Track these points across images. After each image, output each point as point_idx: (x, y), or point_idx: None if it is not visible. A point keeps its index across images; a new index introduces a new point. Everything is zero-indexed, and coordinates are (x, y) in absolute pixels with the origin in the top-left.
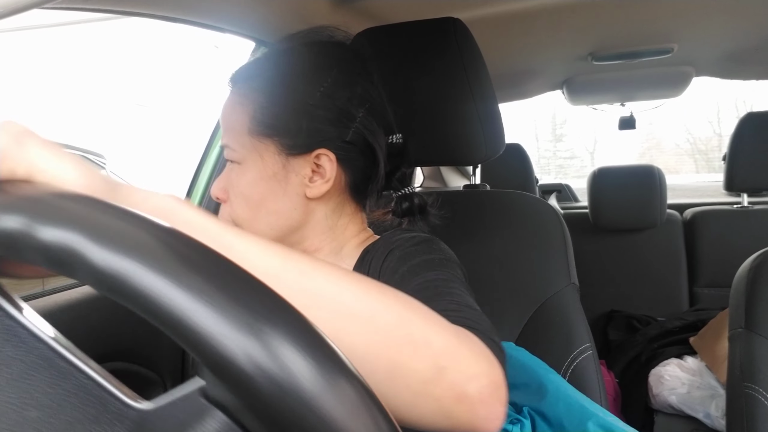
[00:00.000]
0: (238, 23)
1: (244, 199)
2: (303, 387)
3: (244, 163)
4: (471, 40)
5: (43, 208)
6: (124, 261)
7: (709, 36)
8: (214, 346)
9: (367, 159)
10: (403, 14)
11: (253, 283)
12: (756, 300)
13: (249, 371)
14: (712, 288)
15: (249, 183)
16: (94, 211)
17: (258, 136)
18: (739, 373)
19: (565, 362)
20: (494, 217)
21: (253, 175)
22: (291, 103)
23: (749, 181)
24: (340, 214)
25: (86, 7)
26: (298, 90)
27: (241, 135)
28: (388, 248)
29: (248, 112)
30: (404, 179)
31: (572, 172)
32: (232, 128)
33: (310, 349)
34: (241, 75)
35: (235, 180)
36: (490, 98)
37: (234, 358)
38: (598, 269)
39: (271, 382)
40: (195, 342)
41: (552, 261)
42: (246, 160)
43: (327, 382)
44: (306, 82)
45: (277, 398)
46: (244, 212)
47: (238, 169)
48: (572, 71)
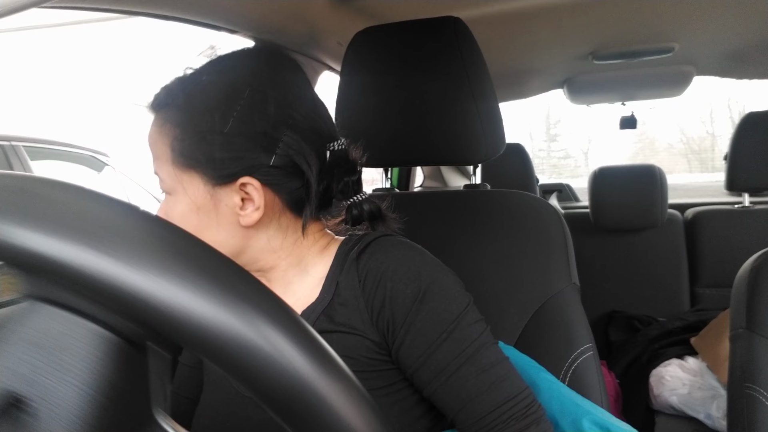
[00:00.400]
0: (237, 22)
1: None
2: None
3: (174, 194)
4: (471, 39)
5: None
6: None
7: (710, 35)
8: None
9: (298, 179)
10: (403, 13)
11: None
12: (757, 300)
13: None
14: (714, 288)
15: (180, 215)
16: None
17: (181, 167)
18: (740, 373)
19: (566, 363)
20: (495, 217)
21: (183, 207)
22: (205, 133)
23: (751, 181)
24: (285, 234)
25: (86, 7)
26: (210, 120)
27: (166, 165)
28: (377, 275)
29: (167, 143)
30: (348, 188)
31: (566, 171)
32: (158, 157)
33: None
34: (158, 102)
35: (168, 210)
36: (491, 97)
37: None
38: (599, 269)
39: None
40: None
41: (553, 261)
42: (175, 191)
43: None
44: (217, 111)
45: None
46: None
47: (170, 199)
48: (573, 70)
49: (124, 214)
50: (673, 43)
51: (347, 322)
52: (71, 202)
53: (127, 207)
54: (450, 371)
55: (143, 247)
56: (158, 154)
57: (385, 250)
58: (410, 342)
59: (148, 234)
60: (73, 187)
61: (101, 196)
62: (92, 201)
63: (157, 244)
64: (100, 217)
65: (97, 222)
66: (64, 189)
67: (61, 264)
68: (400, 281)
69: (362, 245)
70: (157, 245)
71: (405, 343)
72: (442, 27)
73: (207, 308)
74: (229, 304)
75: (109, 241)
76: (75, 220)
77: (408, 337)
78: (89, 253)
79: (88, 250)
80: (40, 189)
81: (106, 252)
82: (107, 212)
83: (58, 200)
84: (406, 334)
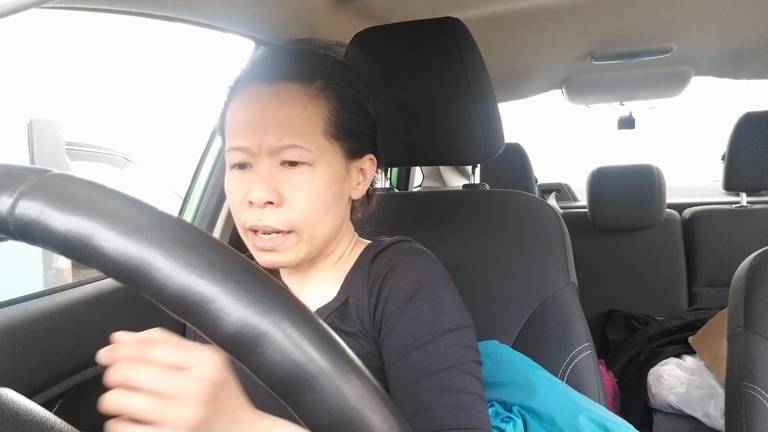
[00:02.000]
0: (236, 23)
1: (316, 201)
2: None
3: (317, 165)
4: (470, 39)
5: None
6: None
7: (708, 36)
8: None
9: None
10: (401, 14)
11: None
12: (755, 299)
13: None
14: (711, 287)
15: (324, 186)
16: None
17: (330, 138)
18: (738, 372)
19: (564, 362)
20: (493, 217)
21: (327, 179)
22: (361, 108)
23: (748, 181)
24: (346, 213)
25: (86, 7)
26: (363, 97)
27: (314, 135)
28: (383, 276)
29: (322, 113)
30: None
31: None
32: (301, 128)
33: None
34: (307, 72)
35: (307, 182)
36: (490, 98)
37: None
38: (597, 269)
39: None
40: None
41: (551, 260)
42: (319, 161)
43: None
44: (367, 90)
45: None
46: (311, 214)
47: (310, 170)
48: (571, 71)
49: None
50: (672, 44)
51: (359, 325)
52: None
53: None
54: (411, 380)
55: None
56: (303, 124)
57: (396, 255)
58: (389, 341)
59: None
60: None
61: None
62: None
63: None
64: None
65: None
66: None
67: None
68: (400, 284)
69: (378, 249)
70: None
71: (384, 343)
72: (442, 27)
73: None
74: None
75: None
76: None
77: (388, 336)
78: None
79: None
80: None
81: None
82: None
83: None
84: (387, 334)
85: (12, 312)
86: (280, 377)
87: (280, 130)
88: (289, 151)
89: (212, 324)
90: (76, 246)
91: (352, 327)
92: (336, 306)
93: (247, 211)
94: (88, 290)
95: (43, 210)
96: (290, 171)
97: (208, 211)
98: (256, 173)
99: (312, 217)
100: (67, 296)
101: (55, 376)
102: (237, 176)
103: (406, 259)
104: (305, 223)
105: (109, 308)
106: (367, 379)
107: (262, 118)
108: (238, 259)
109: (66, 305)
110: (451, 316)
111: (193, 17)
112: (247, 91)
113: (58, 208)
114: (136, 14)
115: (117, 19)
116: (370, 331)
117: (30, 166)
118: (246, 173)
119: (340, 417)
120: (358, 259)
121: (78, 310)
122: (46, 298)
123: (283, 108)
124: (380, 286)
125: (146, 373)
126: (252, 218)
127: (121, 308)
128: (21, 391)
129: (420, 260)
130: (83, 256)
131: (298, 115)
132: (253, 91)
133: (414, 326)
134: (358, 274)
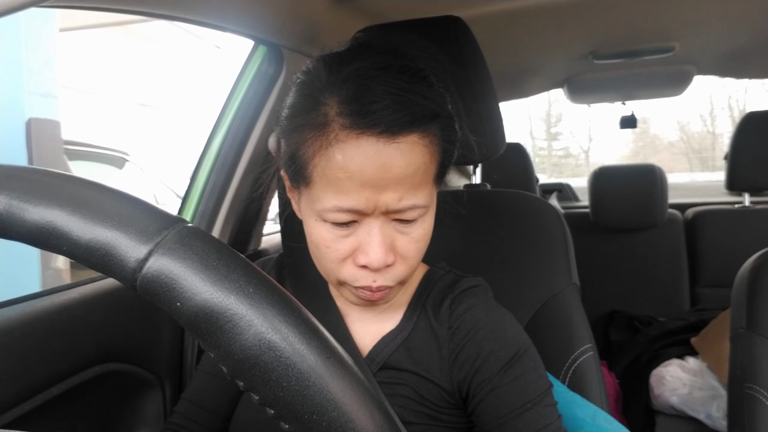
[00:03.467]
0: (236, 21)
1: (424, 245)
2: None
3: (428, 213)
4: (471, 38)
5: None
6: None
7: (711, 35)
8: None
9: None
10: (402, 13)
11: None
12: (757, 300)
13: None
14: (714, 288)
15: (428, 231)
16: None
17: (436, 183)
18: (741, 373)
19: (566, 363)
20: (495, 217)
21: (430, 221)
22: (457, 131)
23: (751, 181)
24: None
25: (86, 6)
26: (456, 107)
27: (429, 186)
28: (472, 330)
29: (435, 161)
30: None
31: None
32: (420, 184)
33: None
34: (427, 118)
35: (421, 235)
36: (491, 97)
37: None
38: (599, 269)
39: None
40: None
41: (553, 261)
42: (430, 209)
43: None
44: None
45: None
46: (415, 264)
47: (422, 222)
48: (573, 70)
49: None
50: (674, 43)
51: (425, 365)
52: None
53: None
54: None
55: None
56: (423, 179)
57: (481, 307)
58: (492, 402)
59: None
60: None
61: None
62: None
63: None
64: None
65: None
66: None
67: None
68: (496, 342)
69: (457, 291)
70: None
71: (485, 402)
72: (443, 26)
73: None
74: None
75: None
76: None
77: (490, 396)
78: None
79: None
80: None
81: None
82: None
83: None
84: (489, 394)
85: (10, 312)
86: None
87: (401, 192)
88: (408, 212)
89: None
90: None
91: (418, 368)
92: (402, 337)
93: (353, 270)
94: (86, 291)
95: (178, 273)
96: (403, 226)
97: (207, 210)
98: (367, 233)
99: (414, 266)
100: (66, 297)
101: (53, 377)
102: (338, 233)
103: (496, 316)
104: (407, 275)
105: (107, 309)
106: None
107: (382, 179)
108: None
109: (64, 306)
110: (545, 377)
111: (192, 16)
112: (361, 142)
113: (196, 274)
114: (135, 12)
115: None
116: (442, 376)
117: (166, 213)
118: (349, 230)
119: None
120: (421, 286)
121: (76, 310)
122: (44, 299)
123: (406, 166)
124: (470, 340)
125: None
126: (365, 280)
127: (120, 309)
128: (19, 393)
129: (508, 317)
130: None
131: (419, 172)
132: (368, 143)
133: (522, 387)
134: (428, 306)
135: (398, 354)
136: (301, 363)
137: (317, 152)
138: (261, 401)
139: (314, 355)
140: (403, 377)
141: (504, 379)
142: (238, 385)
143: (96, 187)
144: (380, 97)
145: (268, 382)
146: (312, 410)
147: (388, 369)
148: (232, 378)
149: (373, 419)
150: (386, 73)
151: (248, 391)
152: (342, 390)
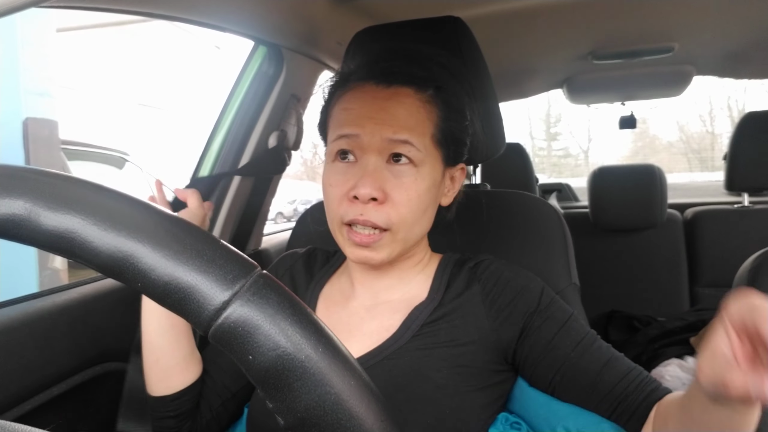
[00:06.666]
0: (236, 22)
1: (416, 203)
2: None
3: (421, 167)
4: (471, 38)
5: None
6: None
7: (710, 35)
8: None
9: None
10: (402, 13)
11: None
12: None
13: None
14: (713, 288)
15: (426, 188)
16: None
17: (435, 143)
18: None
19: None
20: (494, 217)
21: (428, 183)
22: (464, 118)
23: (750, 181)
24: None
25: (86, 6)
26: (469, 108)
27: (425, 137)
28: (501, 278)
29: (433, 118)
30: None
31: (567, 170)
32: (415, 127)
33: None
34: (426, 77)
35: (411, 183)
36: (491, 97)
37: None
38: (599, 269)
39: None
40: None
41: (553, 261)
42: (424, 163)
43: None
44: (471, 103)
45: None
46: (410, 215)
47: (414, 172)
48: (573, 70)
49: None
50: (673, 43)
51: (461, 328)
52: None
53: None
54: (578, 353)
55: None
56: (415, 125)
57: (498, 263)
58: (543, 326)
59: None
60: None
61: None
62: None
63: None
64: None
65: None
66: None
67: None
68: (525, 280)
69: (474, 261)
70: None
71: (537, 328)
72: (443, 26)
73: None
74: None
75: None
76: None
77: (544, 323)
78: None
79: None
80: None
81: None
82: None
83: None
84: (544, 320)
85: (10, 312)
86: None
87: (396, 125)
88: (401, 146)
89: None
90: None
91: (455, 329)
92: (432, 306)
93: (347, 205)
94: (86, 291)
95: (254, 327)
96: (396, 170)
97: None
98: (362, 169)
99: (410, 218)
100: (66, 296)
101: (53, 377)
102: (341, 169)
103: (513, 267)
104: (403, 223)
105: (107, 309)
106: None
107: (378, 113)
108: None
109: (64, 306)
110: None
111: (192, 16)
112: (362, 89)
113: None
114: (135, 12)
115: (115, 18)
116: (482, 333)
117: (244, 258)
118: (350, 167)
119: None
120: (441, 265)
121: (76, 310)
122: (44, 299)
123: (399, 107)
124: (504, 286)
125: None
126: (353, 212)
127: (120, 309)
128: (20, 392)
129: (530, 274)
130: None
131: (413, 115)
132: (367, 88)
133: (570, 325)
134: (453, 280)
135: (433, 318)
136: (358, 428)
137: (335, 103)
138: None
139: (371, 418)
140: (439, 339)
141: (542, 305)
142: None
143: (178, 223)
144: (388, 60)
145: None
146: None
147: (422, 336)
148: (286, 430)
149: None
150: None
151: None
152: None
